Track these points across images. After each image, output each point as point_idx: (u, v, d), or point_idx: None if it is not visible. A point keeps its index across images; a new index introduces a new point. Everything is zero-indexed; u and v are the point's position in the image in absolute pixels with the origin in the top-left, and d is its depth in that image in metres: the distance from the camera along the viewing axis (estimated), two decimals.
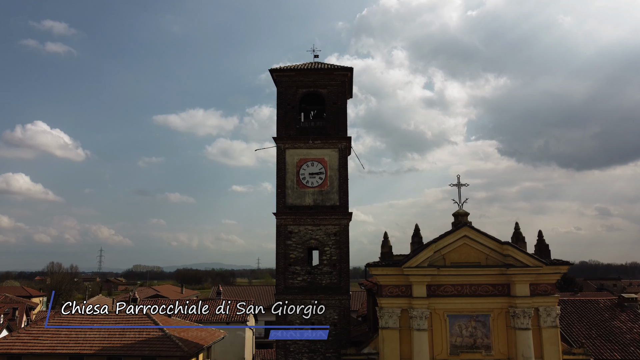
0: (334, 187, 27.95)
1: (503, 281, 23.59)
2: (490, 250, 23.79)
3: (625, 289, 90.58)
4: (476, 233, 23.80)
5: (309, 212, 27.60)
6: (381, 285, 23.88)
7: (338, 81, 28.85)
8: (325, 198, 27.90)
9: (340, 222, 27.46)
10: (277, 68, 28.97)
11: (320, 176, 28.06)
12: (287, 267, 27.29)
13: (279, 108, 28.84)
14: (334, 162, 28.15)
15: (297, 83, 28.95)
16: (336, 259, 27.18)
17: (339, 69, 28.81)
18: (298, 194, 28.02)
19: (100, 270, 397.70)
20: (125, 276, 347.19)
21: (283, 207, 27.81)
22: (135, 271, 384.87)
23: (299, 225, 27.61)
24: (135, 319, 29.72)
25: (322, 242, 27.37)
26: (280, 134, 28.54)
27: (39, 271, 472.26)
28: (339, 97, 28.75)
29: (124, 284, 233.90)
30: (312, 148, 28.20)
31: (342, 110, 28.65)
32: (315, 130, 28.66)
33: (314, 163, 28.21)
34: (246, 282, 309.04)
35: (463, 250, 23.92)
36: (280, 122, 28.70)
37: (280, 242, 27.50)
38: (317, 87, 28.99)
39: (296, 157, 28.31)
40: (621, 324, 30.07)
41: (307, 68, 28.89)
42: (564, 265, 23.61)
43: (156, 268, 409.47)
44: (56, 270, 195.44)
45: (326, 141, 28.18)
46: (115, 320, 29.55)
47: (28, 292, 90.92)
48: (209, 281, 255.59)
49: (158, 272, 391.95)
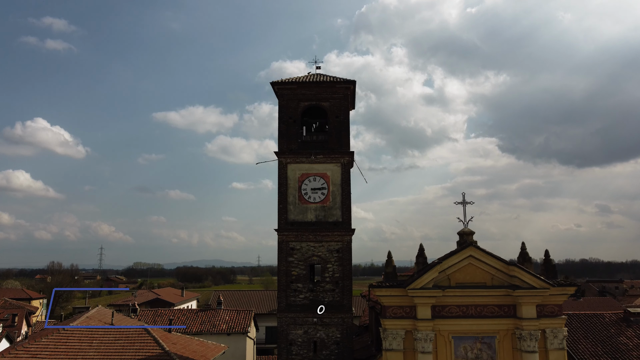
0: (336, 202, 27.49)
1: (509, 302, 23.15)
2: (496, 271, 23.33)
3: (627, 292, 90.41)
4: (482, 253, 23.34)
5: (311, 229, 27.14)
6: (385, 306, 23.44)
7: (340, 94, 28.34)
8: (327, 214, 27.43)
9: (342, 239, 27.00)
10: (279, 81, 28.46)
11: (322, 191, 27.59)
12: (289, 285, 26.85)
13: (280, 122, 28.33)
14: (336, 177, 27.67)
15: (298, 96, 28.44)
16: (339, 276, 26.74)
17: (341, 81, 28.30)
18: (300, 210, 27.55)
19: (100, 268, 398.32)
20: (126, 273, 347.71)
21: (285, 223, 27.35)
22: (136, 268, 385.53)
23: (300, 241, 27.16)
24: (135, 335, 29.29)
25: (324, 259, 26.92)
26: (282, 148, 28.04)
27: (40, 269, 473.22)
28: (341, 110, 28.24)
29: (124, 283, 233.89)
30: (314, 163, 27.73)
31: (345, 124, 28.15)
32: (318, 145, 28.16)
33: (316, 178, 27.74)
34: (246, 279, 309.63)
35: (468, 270, 23.46)
36: (281, 136, 28.21)
37: (282, 259, 27.05)
38: (319, 100, 28.48)
39: (298, 172, 27.83)
40: (627, 340, 29.65)
41: (309, 81, 28.37)
42: (571, 287, 23.17)
43: (156, 265, 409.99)
44: (56, 269, 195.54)
45: (328, 156, 27.69)
46: (115, 337, 29.12)
47: (28, 294, 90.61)
48: (209, 279, 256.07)
49: (158, 270, 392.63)
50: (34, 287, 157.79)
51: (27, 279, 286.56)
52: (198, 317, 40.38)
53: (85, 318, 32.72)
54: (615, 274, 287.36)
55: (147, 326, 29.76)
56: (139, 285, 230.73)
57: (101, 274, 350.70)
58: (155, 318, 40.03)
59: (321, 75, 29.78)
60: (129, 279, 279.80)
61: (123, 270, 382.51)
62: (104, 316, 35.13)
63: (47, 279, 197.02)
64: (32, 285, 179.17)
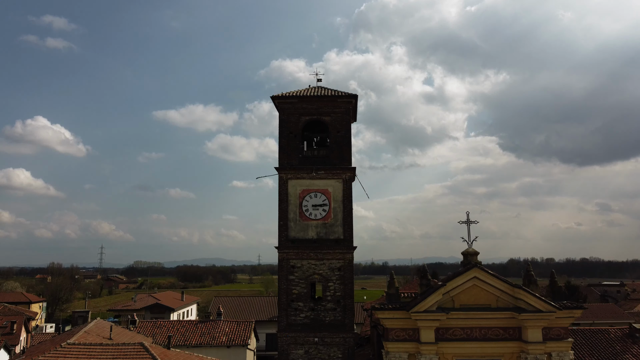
0: (338, 219, 27.00)
1: (514, 324, 22.66)
2: (501, 292, 22.84)
3: (630, 295, 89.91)
4: (486, 275, 22.84)
5: (312, 246, 26.66)
6: (387, 329, 22.96)
7: (342, 108, 27.81)
8: (329, 231, 26.94)
9: (344, 257, 26.52)
10: (279, 95, 27.92)
11: (323, 208, 27.09)
12: (290, 303, 26.38)
13: (281, 136, 27.81)
14: (338, 193, 27.18)
15: (299, 110, 27.92)
16: (340, 294, 26.27)
17: (343, 96, 27.76)
18: (301, 227, 27.06)
19: (101, 267, 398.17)
20: (126, 272, 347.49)
21: (285, 241, 26.86)
22: (136, 267, 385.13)
23: (301, 259, 26.68)
24: (132, 353, 28.82)
25: (325, 277, 26.44)
26: (282, 164, 27.54)
27: (40, 267, 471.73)
28: (343, 125, 27.72)
29: (124, 282, 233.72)
30: (315, 179, 27.23)
31: (346, 139, 27.63)
32: (319, 160, 27.64)
33: (317, 194, 27.24)
34: (247, 278, 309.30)
35: (473, 292, 22.96)
36: (282, 151, 27.69)
37: (283, 277, 26.58)
38: (321, 115, 27.96)
39: (299, 188, 27.33)
40: (633, 357, 29.16)
41: (310, 95, 27.84)
42: (578, 310, 22.67)
43: (157, 264, 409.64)
44: (56, 269, 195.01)
45: (330, 172, 27.19)
46: (112, 354, 28.64)
47: (27, 298, 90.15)
48: (210, 279, 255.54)
49: (159, 269, 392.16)
50: (34, 288, 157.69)
51: (28, 278, 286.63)
52: (197, 328, 39.92)
53: (83, 333, 32.27)
54: (616, 274, 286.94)
55: (145, 343, 29.27)
56: (139, 284, 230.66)
57: (102, 272, 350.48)
58: (155, 330, 39.57)
59: (322, 88, 29.24)
60: (129, 278, 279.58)
61: (123, 269, 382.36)
62: (102, 330, 34.68)
63: (48, 279, 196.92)
64: (32, 285, 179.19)
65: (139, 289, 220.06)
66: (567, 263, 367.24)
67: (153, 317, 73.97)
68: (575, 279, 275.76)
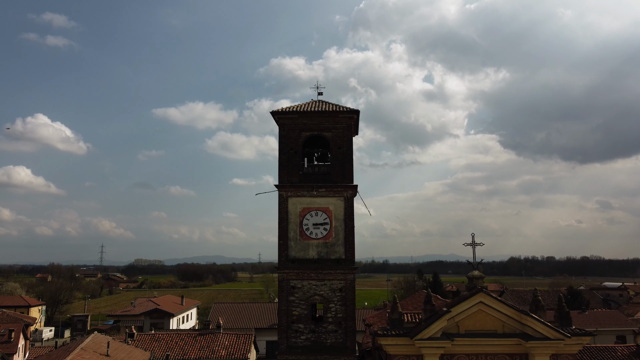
0: (339, 238, 26.33)
1: (521, 351, 22.02)
2: (508, 318, 22.20)
3: (632, 299, 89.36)
4: (492, 300, 22.20)
5: (312, 266, 26.01)
6: (390, 355, 22.34)
7: (344, 124, 27.10)
8: (330, 251, 26.28)
9: (346, 277, 25.86)
10: (279, 110, 27.21)
11: (324, 227, 26.42)
12: (290, 325, 25.73)
13: (281, 153, 27.11)
14: (339, 211, 26.49)
15: (300, 126, 27.21)
16: (342, 316, 25.62)
17: (344, 111, 27.04)
18: (301, 246, 26.39)
19: (101, 264, 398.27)
20: (126, 271, 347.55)
21: (285, 261, 26.20)
22: (137, 265, 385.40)
23: (302, 280, 26.03)
24: None
25: (326, 299, 25.79)
26: (282, 181, 26.84)
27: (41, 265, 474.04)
28: (344, 141, 27.01)
29: (124, 282, 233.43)
30: (316, 197, 26.56)
31: (348, 155, 26.93)
32: (320, 177, 26.93)
33: (318, 212, 26.56)
34: (247, 277, 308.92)
35: (478, 317, 22.32)
36: (281, 168, 27.00)
37: (283, 298, 25.93)
38: (322, 130, 27.25)
39: (299, 206, 26.66)
40: None
41: (310, 110, 27.10)
42: (587, 337, 22.03)
43: (157, 262, 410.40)
44: (56, 270, 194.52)
45: (331, 189, 26.51)
46: None
47: (27, 301, 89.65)
48: (210, 278, 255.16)
49: (159, 267, 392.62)
50: (33, 289, 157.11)
51: (28, 277, 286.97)
52: (197, 341, 39.33)
53: (79, 350, 31.69)
54: (618, 273, 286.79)
55: None
56: (140, 284, 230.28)
57: (102, 270, 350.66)
58: (153, 343, 38.98)
59: (323, 102, 28.52)
60: (130, 276, 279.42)
61: (124, 267, 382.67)
62: (99, 346, 34.07)
63: (48, 279, 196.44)
64: (32, 286, 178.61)
65: (140, 289, 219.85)
66: (568, 261, 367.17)
67: (152, 322, 73.55)
68: (576, 278, 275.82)
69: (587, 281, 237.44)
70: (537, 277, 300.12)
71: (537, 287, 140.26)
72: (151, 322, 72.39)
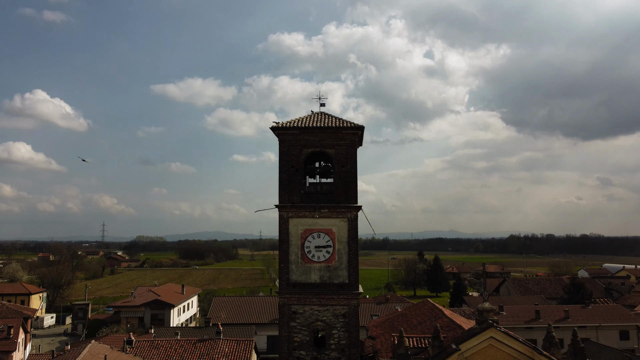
0: (342, 262, 25.20)
1: None
2: (519, 353, 21.22)
3: (634, 288, 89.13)
4: (504, 336, 21.16)
5: (315, 291, 24.97)
6: None
7: (347, 140, 25.65)
8: (332, 275, 25.19)
9: (349, 303, 24.84)
10: (280, 126, 25.71)
11: (327, 250, 25.26)
12: (291, 352, 24.85)
13: (282, 171, 25.74)
14: (342, 233, 25.29)
15: (301, 142, 25.77)
16: (345, 343, 24.69)
17: (348, 127, 25.53)
18: (303, 270, 25.29)
19: (103, 241, 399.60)
20: (128, 247, 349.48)
21: (286, 285, 25.15)
22: (139, 242, 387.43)
23: (304, 305, 25.02)
24: None
25: (329, 324, 24.82)
26: (283, 200, 25.57)
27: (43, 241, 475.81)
28: (348, 158, 25.60)
29: (126, 261, 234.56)
30: (319, 217, 25.33)
31: (352, 174, 25.56)
32: (322, 197, 25.64)
33: (321, 234, 25.36)
34: (248, 254, 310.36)
35: (488, 352, 21.31)
36: (282, 187, 25.68)
37: (284, 324, 24.97)
38: (324, 147, 25.83)
39: (300, 228, 25.45)
40: None
41: (312, 127, 25.57)
42: None
43: (159, 239, 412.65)
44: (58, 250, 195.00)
45: (334, 210, 25.26)
46: None
47: (27, 289, 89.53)
48: (212, 257, 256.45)
49: (161, 243, 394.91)
50: (35, 270, 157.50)
51: (30, 254, 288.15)
52: (196, 348, 38.70)
53: None
54: (617, 251, 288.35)
55: None
56: (142, 263, 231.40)
57: (104, 247, 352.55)
58: (152, 351, 38.36)
59: (326, 115, 27.00)
60: (132, 254, 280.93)
61: (126, 244, 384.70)
62: (96, 359, 33.42)
63: (50, 258, 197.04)
64: (34, 266, 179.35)
65: (141, 268, 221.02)
66: (567, 239, 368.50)
67: (153, 313, 73.29)
68: (576, 257, 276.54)
69: (587, 261, 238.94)
70: (537, 255, 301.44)
71: (537, 266, 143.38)
72: (152, 313, 72.19)
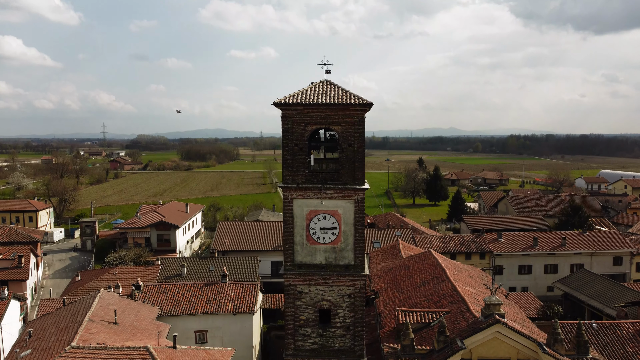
0: (348, 244, 24.67)
1: None
2: (523, 347, 21.48)
3: (630, 205, 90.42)
4: (510, 330, 21.26)
5: (320, 272, 24.75)
6: None
7: (355, 117, 23.79)
8: (338, 256, 24.79)
9: (355, 283, 24.74)
10: (282, 101, 23.65)
11: (333, 231, 24.60)
12: (297, 329, 25.29)
13: (285, 150, 24.24)
14: (348, 215, 24.46)
15: (305, 119, 23.94)
16: (350, 322, 25.02)
17: (356, 104, 23.51)
18: (308, 251, 24.86)
19: (104, 139, 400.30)
20: (130, 146, 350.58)
21: (291, 266, 24.89)
22: (140, 141, 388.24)
23: (309, 285, 24.95)
24: (136, 356, 28.65)
25: (334, 304, 24.96)
26: (287, 181, 24.40)
27: (45, 138, 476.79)
28: (355, 137, 23.93)
29: (129, 164, 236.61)
30: (324, 198, 24.33)
31: (359, 154, 24.07)
32: (328, 176, 24.41)
33: (326, 216, 24.54)
34: (250, 155, 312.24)
35: (493, 344, 21.58)
36: (286, 167, 24.36)
37: (289, 303, 25.12)
38: (330, 124, 24.06)
39: (305, 209, 24.56)
40: None
41: (317, 103, 23.52)
42: None
43: (160, 138, 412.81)
44: (60, 153, 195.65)
45: (340, 192, 24.18)
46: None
47: (34, 206, 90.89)
48: (214, 159, 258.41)
49: (162, 142, 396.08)
50: (39, 175, 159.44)
51: (33, 154, 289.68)
52: (203, 292, 39.80)
53: (87, 322, 31.93)
54: (615, 152, 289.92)
55: (150, 347, 28.90)
56: (144, 166, 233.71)
57: (105, 145, 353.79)
58: (160, 295, 39.49)
59: (331, 86, 24.74)
60: (134, 156, 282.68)
61: (127, 142, 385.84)
62: (106, 312, 34.35)
63: (53, 161, 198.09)
64: (38, 170, 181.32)
65: (144, 170, 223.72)
66: (567, 139, 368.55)
67: (159, 234, 75.06)
68: (574, 159, 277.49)
69: (585, 164, 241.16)
70: (535, 157, 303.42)
71: (536, 169, 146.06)
72: (157, 234, 73.92)
